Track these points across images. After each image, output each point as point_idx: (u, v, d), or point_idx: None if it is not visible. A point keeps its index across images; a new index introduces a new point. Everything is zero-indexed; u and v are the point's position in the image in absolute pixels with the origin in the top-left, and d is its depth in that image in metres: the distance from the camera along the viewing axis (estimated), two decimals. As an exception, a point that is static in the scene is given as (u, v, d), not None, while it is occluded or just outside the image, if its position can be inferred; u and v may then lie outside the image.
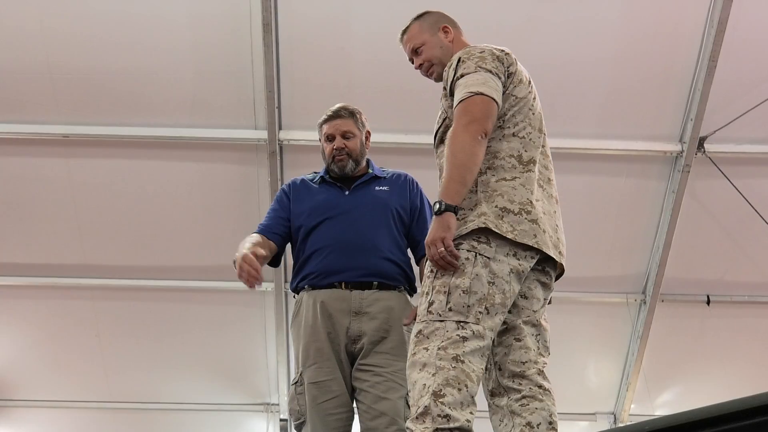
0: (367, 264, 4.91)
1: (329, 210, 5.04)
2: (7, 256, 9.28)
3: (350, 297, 4.85)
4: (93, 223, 9.10)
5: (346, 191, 5.08)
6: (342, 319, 4.84)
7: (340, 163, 5.09)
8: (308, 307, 4.92)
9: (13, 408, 10.46)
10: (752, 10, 7.81)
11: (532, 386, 4.03)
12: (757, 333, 9.63)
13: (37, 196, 8.95)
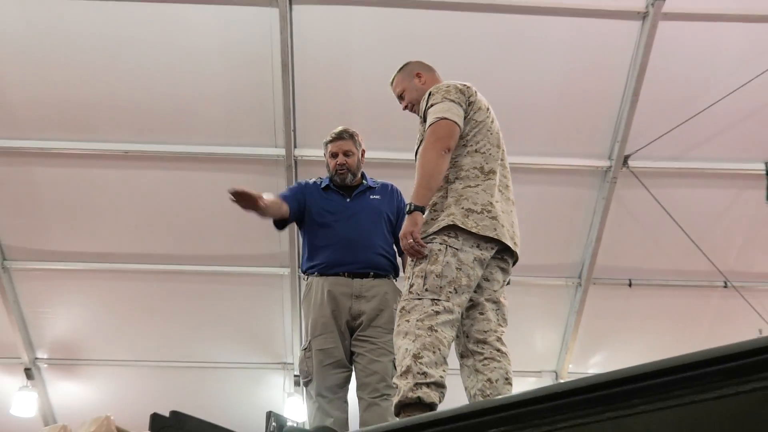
0: (365, 259, 4.99)
1: (335, 213, 5.11)
2: (79, 246, 9.25)
3: (352, 284, 4.92)
4: (146, 221, 9.09)
5: (348, 198, 5.14)
6: (345, 301, 4.90)
7: (342, 176, 5.16)
8: (317, 290, 4.97)
9: (85, 366, 10.45)
10: (666, 56, 7.79)
11: (492, 350, 4.07)
12: (669, 309, 9.63)
13: (102, 199, 8.93)
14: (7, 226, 9.08)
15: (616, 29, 7.80)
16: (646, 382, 2.70)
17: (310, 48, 7.91)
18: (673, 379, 2.65)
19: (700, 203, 8.81)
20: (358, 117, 7.57)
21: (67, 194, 8.89)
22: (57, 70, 8.02)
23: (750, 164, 8.63)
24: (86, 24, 7.76)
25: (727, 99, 7.84)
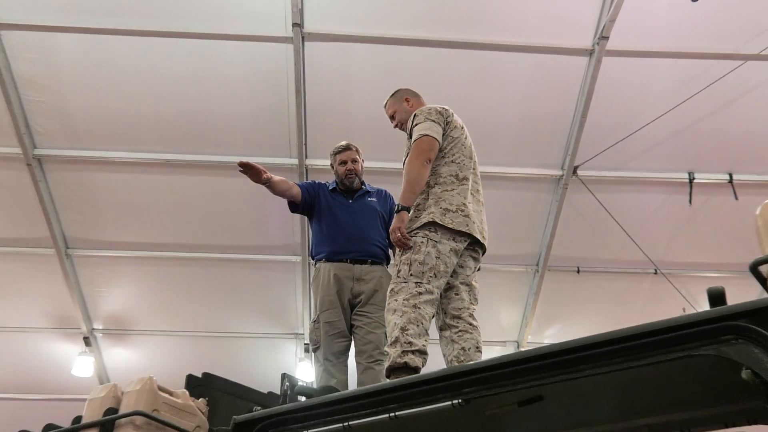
0: (364, 249, 5.03)
1: (341, 211, 5.16)
2: (128, 237, 9.26)
3: (353, 269, 4.96)
4: (183, 217, 9.07)
5: (350, 200, 5.17)
6: (347, 282, 4.94)
7: (350, 179, 5.24)
8: (325, 273, 5.00)
9: (132, 335, 10.43)
10: (609, 85, 7.81)
11: (465, 324, 4.09)
12: (610, 292, 9.66)
13: (147, 199, 8.91)
14: (70, 220, 9.05)
15: (568, 63, 7.80)
16: (590, 351, 2.71)
17: (318, 77, 7.89)
18: (612, 348, 2.67)
19: (635, 205, 8.82)
20: (358, 133, 7.56)
21: (119, 195, 8.87)
22: (112, 94, 8.02)
23: (676, 174, 8.63)
24: (136, 56, 7.76)
25: (657, 121, 7.87)
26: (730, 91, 7.80)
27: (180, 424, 3.23)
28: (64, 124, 8.22)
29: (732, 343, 2.41)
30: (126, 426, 3.09)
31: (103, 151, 8.46)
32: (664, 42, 7.63)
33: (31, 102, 8.01)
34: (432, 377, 3.09)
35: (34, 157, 8.34)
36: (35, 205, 8.72)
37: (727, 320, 2.44)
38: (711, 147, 8.41)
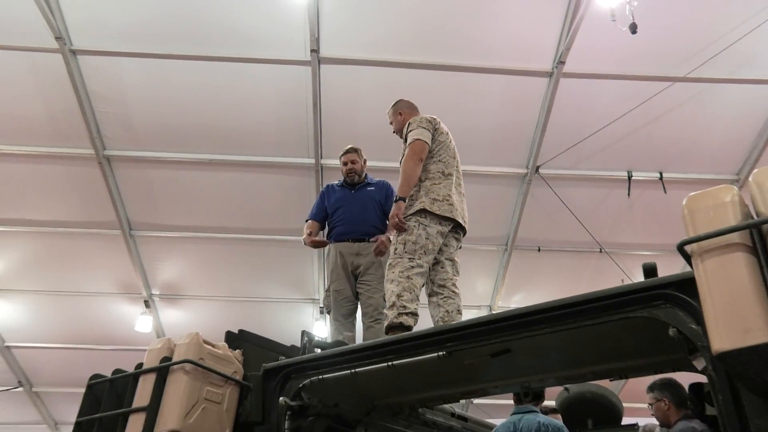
0: (363, 230, 4.96)
1: (344, 201, 5.10)
2: (179, 222, 9.25)
3: (354, 246, 4.92)
4: (222, 206, 9.04)
5: (352, 191, 5.10)
6: (349, 257, 4.89)
7: (351, 177, 5.17)
8: (333, 251, 4.99)
9: (183, 299, 10.44)
10: (566, 101, 7.79)
11: (449, 292, 4.08)
12: (564, 267, 9.65)
13: (194, 191, 8.89)
14: (133, 208, 9.05)
15: (532, 83, 7.76)
16: (549, 313, 2.71)
17: (331, 92, 7.87)
18: (566, 311, 2.66)
19: (585, 197, 8.79)
20: (363, 138, 7.51)
21: (172, 187, 8.86)
22: (166, 106, 8.00)
23: (617, 172, 8.60)
24: (185, 76, 7.75)
25: (603, 130, 7.85)
26: (661, 106, 7.79)
27: (221, 370, 3.22)
28: (127, 130, 8.21)
29: (661, 307, 2.41)
30: (178, 371, 3.09)
31: (159, 152, 8.44)
32: (610, 66, 7.61)
33: (101, 113, 8.01)
34: (422, 334, 3.09)
35: (104, 157, 8.35)
36: (105, 196, 8.73)
37: (658, 289, 2.43)
38: (646, 151, 8.39)
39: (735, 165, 8.50)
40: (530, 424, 3.71)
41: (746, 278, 1.92)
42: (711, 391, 2.30)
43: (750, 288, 1.90)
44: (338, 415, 3.82)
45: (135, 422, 3.02)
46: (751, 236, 1.98)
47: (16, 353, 11.18)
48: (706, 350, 2.19)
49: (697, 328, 2.27)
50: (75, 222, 9.15)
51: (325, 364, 3.28)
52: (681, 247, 2.10)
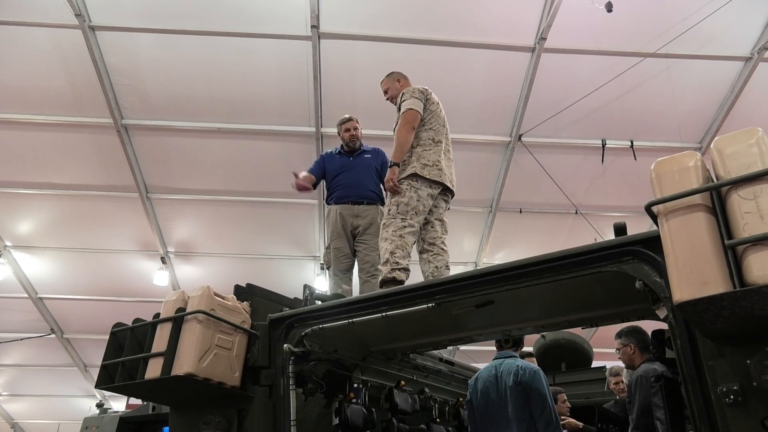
0: (360, 193, 4.93)
1: (343, 168, 5.04)
2: (192, 185, 9.19)
3: (353, 208, 4.89)
4: (231, 170, 9.00)
5: (351, 158, 5.05)
6: (349, 218, 4.87)
7: (353, 142, 5.11)
8: (333, 212, 4.95)
9: (196, 256, 10.45)
10: (546, 74, 7.73)
11: (438, 249, 4.07)
12: (543, 227, 9.68)
13: (206, 156, 8.83)
14: (149, 173, 9.01)
15: (515, 57, 7.68)
16: (528, 268, 2.72)
17: (331, 66, 7.76)
18: (544, 266, 2.67)
19: (563, 163, 8.78)
20: (360, 108, 7.45)
21: (184, 154, 8.79)
22: (178, 78, 7.90)
23: (592, 140, 8.58)
24: (196, 50, 7.63)
25: (580, 101, 7.81)
26: (633, 79, 7.74)
27: (230, 320, 3.24)
28: (143, 101, 8.12)
29: (630, 263, 2.42)
30: (191, 321, 3.10)
31: (172, 121, 8.36)
32: (588, 42, 7.53)
33: (118, 84, 7.92)
34: (413, 287, 3.10)
35: (122, 126, 8.28)
36: (123, 162, 8.68)
37: (626, 246, 2.44)
38: (618, 121, 8.35)
39: (698, 134, 8.49)
40: (509, 368, 3.75)
41: (705, 236, 1.92)
42: (671, 336, 2.33)
43: (708, 245, 1.91)
44: (337, 360, 3.87)
45: (154, 365, 3.05)
46: (711, 198, 1.98)
47: (48, 304, 11.26)
48: (668, 300, 2.22)
49: (660, 281, 2.29)
50: (97, 185, 9.12)
51: (325, 315, 3.30)
52: (648, 207, 2.10)
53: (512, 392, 3.63)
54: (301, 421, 3.38)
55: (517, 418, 3.58)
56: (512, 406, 3.61)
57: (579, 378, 6.25)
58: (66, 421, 14.50)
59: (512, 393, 3.63)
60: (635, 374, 3.78)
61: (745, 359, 1.96)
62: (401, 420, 4.47)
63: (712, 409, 2.07)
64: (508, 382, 3.67)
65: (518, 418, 3.58)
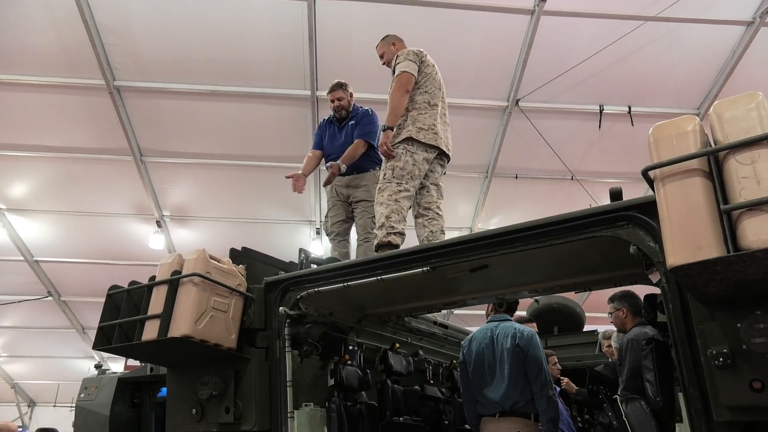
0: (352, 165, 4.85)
1: (332, 140, 5.02)
2: (186, 149, 9.09)
3: (345, 179, 4.88)
4: (226, 134, 8.89)
5: (339, 129, 5.07)
6: (342, 189, 4.90)
7: (338, 113, 5.06)
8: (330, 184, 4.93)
9: (190, 220, 10.42)
10: (545, 38, 7.60)
11: (434, 213, 4.08)
12: (539, 192, 9.66)
13: (200, 120, 8.69)
14: (143, 135, 8.90)
15: (514, 20, 7.53)
16: (523, 233, 2.72)
17: (326, 27, 7.60)
18: (539, 231, 2.68)
19: (560, 129, 8.71)
20: (356, 71, 7.40)
21: (178, 116, 8.66)
22: (172, 40, 7.72)
23: (590, 106, 8.50)
24: (190, 11, 7.45)
25: (579, 66, 7.70)
26: (633, 44, 7.62)
27: (226, 282, 3.25)
28: (135, 62, 7.95)
29: (624, 227, 2.43)
30: (187, 284, 3.11)
31: (166, 83, 8.20)
32: (588, 4, 7.37)
33: (110, 45, 7.74)
34: (408, 251, 3.12)
35: (114, 88, 8.13)
36: (117, 124, 8.56)
37: (622, 211, 2.45)
38: (616, 86, 8.26)
39: (697, 100, 8.42)
40: (507, 330, 3.78)
41: (701, 201, 1.92)
42: (663, 300, 2.35)
43: (704, 210, 1.91)
44: (332, 322, 3.91)
45: (151, 327, 3.07)
46: (708, 163, 1.97)
47: (45, 267, 11.28)
48: (661, 265, 2.23)
49: (654, 245, 2.30)
50: (90, 148, 9.02)
51: (321, 278, 3.32)
52: (645, 172, 2.09)
53: (509, 353, 3.68)
54: (296, 382, 3.43)
55: (512, 379, 3.64)
56: (508, 366, 3.66)
57: (571, 341, 6.35)
58: (65, 382, 14.73)
59: (509, 354, 3.68)
60: (626, 337, 3.82)
61: (736, 323, 1.98)
62: (395, 381, 4.55)
63: (701, 371, 2.10)
64: (506, 344, 3.71)
65: (513, 379, 3.64)
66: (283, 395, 3.22)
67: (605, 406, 4.27)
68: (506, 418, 3.63)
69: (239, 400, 3.18)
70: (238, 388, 3.21)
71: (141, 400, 5.24)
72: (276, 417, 3.20)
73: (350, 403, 3.93)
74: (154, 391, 5.25)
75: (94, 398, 5.23)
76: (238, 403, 3.18)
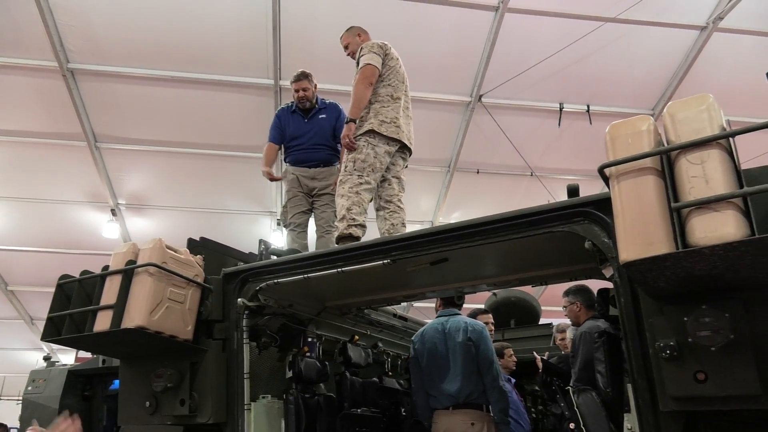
0: (317, 157, 4.91)
1: (300, 131, 4.99)
2: (143, 135, 8.87)
3: (310, 171, 4.89)
4: (185, 121, 8.70)
5: (305, 119, 4.99)
6: (306, 181, 4.88)
7: (302, 103, 5.03)
8: (291, 173, 4.95)
9: (147, 209, 10.18)
10: (508, 35, 7.70)
11: (395, 206, 4.10)
12: (499, 187, 9.82)
13: (158, 106, 8.48)
14: (98, 121, 8.63)
15: (479, 16, 7.60)
16: (483, 227, 2.75)
17: (291, 17, 7.53)
18: (499, 225, 2.71)
19: (521, 125, 8.85)
20: (321, 61, 7.33)
21: (136, 102, 8.44)
22: (131, 22, 7.50)
23: (550, 103, 8.67)
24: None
25: (540, 64, 7.83)
26: (593, 44, 7.79)
27: (183, 273, 3.19)
28: (91, 44, 7.70)
29: (581, 223, 2.48)
30: (142, 274, 3.03)
31: (122, 67, 7.97)
32: (551, 4, 7.49)
33: (64, 25, 7.47)
34: (369, 244, 3.12)
35: (67, 70, 7.86)
36: (70, 108, 8.28)
37: (578, 207, 2.50)
38: (576, 85, 8.44)
39: (652, 100, 8.68)
40: (458, 324, 3.90)
41: (653, 198, 1.98)
42: (615, 295, 2.42)
43: (656, 207, 1.97)
44: (292, 314, 3.88)
45: (103, 318, 2.99)
46: (660, 162, 2.03)
47: (-10, 255, 10.87)
48: (614, 260, 2.29)
49: (608, 241, 2.37)
50: (41, 133, 8.70)
51: (281, 270, 3.29)
52: (601, 170, 2.14)
53: (461, 347, 3.79)
54: (254, 374, 3.40)
55: (465, 372, 3.73)
56: (461, 360, 3.75)
57: (527, 334, 6.48)
58: (12, 375, 14.20)
59: (461, 348, 3.78)
60: (579, 330, 3.93)
61: (683, 317, 2.05)
62: (354, 373, 4.56)
63: (650, 363, 2.17)
64: (457, 338, 3.82)
65: (467, 372, 3.73)
66: (240, 387, 3.19)
67: (558, 397, 4.38)
68: (459, 410, 3.74)
69: (195, 393, 3.13)
70: (194, 380, 3.16)
71: (92, 392, 5.12)
72: (232, 409, 3.16)
73: (308, 395, 3.92)
74: (106, 383, 5.13)
75: (42, 391, 5.09)
76: (193, 395, 3.13)
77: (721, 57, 8.02)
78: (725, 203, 1.85)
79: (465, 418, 3.72)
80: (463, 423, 3.71)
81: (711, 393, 1.99)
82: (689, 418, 2.17)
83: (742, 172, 1.95)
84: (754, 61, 7.83)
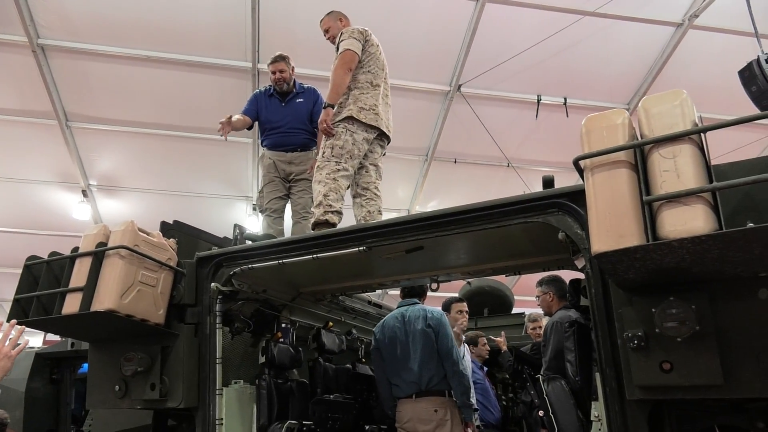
0: (294, 141, 4.89)
1: (277, 115, 4.95)
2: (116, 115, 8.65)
3: (287, 156, 4.87)
4: (160, 102, 8.53)
5: (283, 103, 4.95)
6: (283, 165, 4.85)
7: (279, 86, 5.00)
8: (268, 158, 4.92)
9: (119, 190, 9.97)
10: (488, 26, 7.70)
11: (371, 194, 4.10)
12: (476, 177, 9.84)
13: (132, 86, 8.27)
14: (69, 99, 8.40)
15: (459, 5, 7.57)
16: (459, 216, 2.77)
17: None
18: (474, 215, 2.74)
19: (499, 116, 8.87)
20: (299, 44, 7.26)
21: (109, 81, 8.22)
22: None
23: (528, 95, 8.70)
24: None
25: (519, 56, 7.84)
26: (572, 37, 7.82)
27: (155, 256, 3.15)
28: (63, 20, 7.47)
29: (554, 214, 2.52)
30: (113, 256, 2.99)
31: (96, 45, 7.76)
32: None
33: (34, 0, 7.24)
34: (345, 230, 3.11)
35: (38, 46, 7.62)
36: (40, 85, 8.04)
37: (553, 198, 2.53)
38: (554, 78, 8.49)
39: (628, 95, 8.78)
40: (417, 313, 4.00)
41: (626, 191, 2.02)
42: (587, 285, 2.46)
43: (628, 200, 2.00)
44: (266, 300, 3.87)
45: (72, 301, 2.94)
46: (634, 155, 2.06)
47: (-46, 235, 10.57)
48: (586, 251, 2.33)
49: (581, 232, 2.40)
50: (10, 110, 8.45)
51: (255, 255, 3.27)
52: (576, 162, 2.17)
53: (421, 335, 3.90)
54: (227, 359, 3.39)
55: (424, 358, 3.83)
56: (420, 347, 3.85)
57: (500, 323, 6.56)
58: (-23, 357, 13.90)
59: (421, 335, 3.90)
60: (551, 320, 3.99)
61: (651, 308, 2.10)
62: (328, 360, 4.57)
63: (618, 352, 2.23)
64: (417, 326, 3.92)
65: (425, 358, 3.84)
66: (213, 372, 3.17)
67: (528, 385, 4.46)
68: (423, 398, 3.83)
69: (166, 377, 3.11)
70: (165, 364, 3.14)
71: (60, 376, 5.04)
72: (204, 394, 3.15)
73: (281, 381, 3.92)
74: (75, 366, 5.06)
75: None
76: (164, 379, 3.11)
77: (696, 54, 8.15)
78: (695, 197, 1.89)
79: (428, 405, 3.82)
80: (426, 410, 3.81)
81: (676, 382, 2.04)
82: (654, 407, 2.23)
83: (712, 167, 1.99)
84: (727, 59, 7.95)
